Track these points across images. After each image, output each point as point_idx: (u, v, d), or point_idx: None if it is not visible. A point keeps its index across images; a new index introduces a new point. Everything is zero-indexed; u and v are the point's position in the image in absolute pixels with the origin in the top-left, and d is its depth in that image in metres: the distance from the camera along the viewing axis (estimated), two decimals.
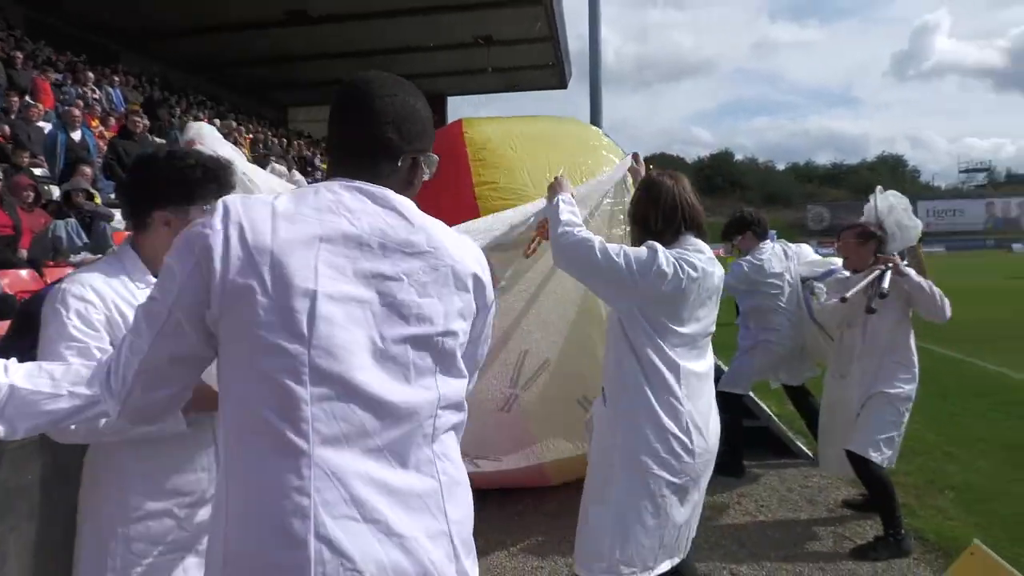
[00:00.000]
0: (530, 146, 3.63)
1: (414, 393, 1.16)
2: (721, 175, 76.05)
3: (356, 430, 1.11)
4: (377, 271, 1.16)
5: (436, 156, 1.34)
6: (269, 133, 20.35)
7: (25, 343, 4.74)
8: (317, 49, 24.52)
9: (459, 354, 1.25)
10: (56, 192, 7.30)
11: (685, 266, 2.22)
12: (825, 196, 67.34)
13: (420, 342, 1.18)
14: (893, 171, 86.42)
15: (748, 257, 4.48)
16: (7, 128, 8.87)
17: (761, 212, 4.87)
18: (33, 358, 1.94)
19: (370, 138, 1.25)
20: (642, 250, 2.24)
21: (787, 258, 4.53)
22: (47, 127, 9.45)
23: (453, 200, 3.28)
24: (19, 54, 11.90)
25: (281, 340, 1.08)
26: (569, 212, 2.45)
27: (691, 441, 2.25)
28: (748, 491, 4.26)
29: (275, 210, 1.14)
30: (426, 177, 1.33)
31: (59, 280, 1.81)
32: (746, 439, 4.55)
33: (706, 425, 2.31)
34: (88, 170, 7.52)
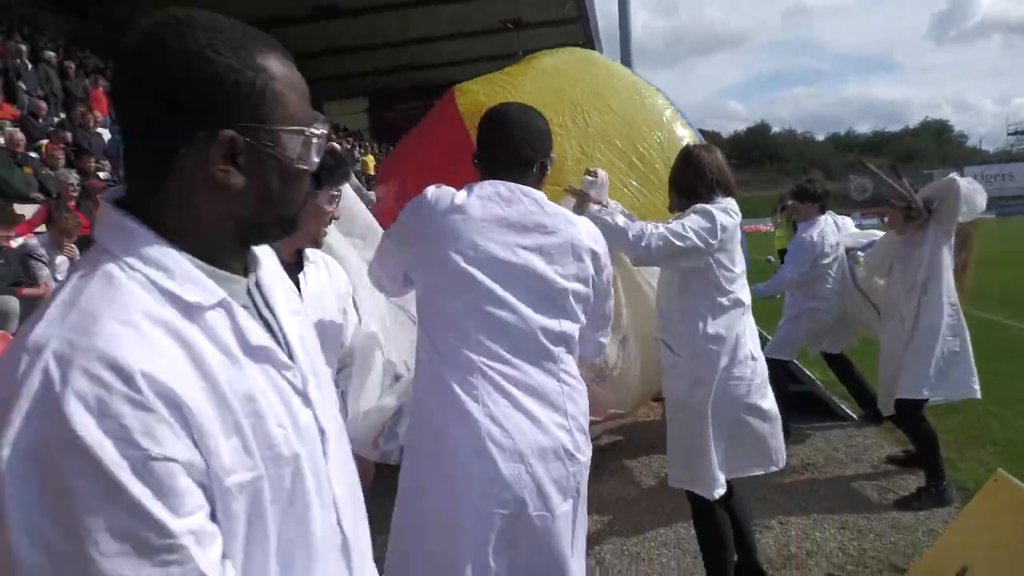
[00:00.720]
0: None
1: (548, 324, 1.72)
2: (758, 148, 75.13)
3: (510, 347, 1.69)
4: (521, 244, 1.72)
5: (555, 156, 1.89)
6: None
7: None
8: (347, 42, 24.89)
9: (577, 306, 1.77)
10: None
11: (732, 214, 2.59)
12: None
13: (549, 294, 1.73)
14: (938, 136, 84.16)
15: (808, 235, 4.62)
16: (70, 135, 9.43)
17: (825, 186, 4.97)
18: None
19: (513, 154, 1.81)
20: (699, 218, 2.54)
21: (839, 229, 4.73)
22: (105, 133, 10.01)
23: (446, 159, 3.55)
24: (72, 64, 12.48)
25: (462, 287, 1.68)
26: (620, 215, 2.63)
27: (756, 361, 2.65)
28: (795, 451, 4.52)
29: (454, 198, 1.73)
30: (547, 172, 1.88)
31: None
32: (792, 404, 4.79)
33: (758, 348, 2.71)
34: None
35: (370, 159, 19.98)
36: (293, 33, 22.75)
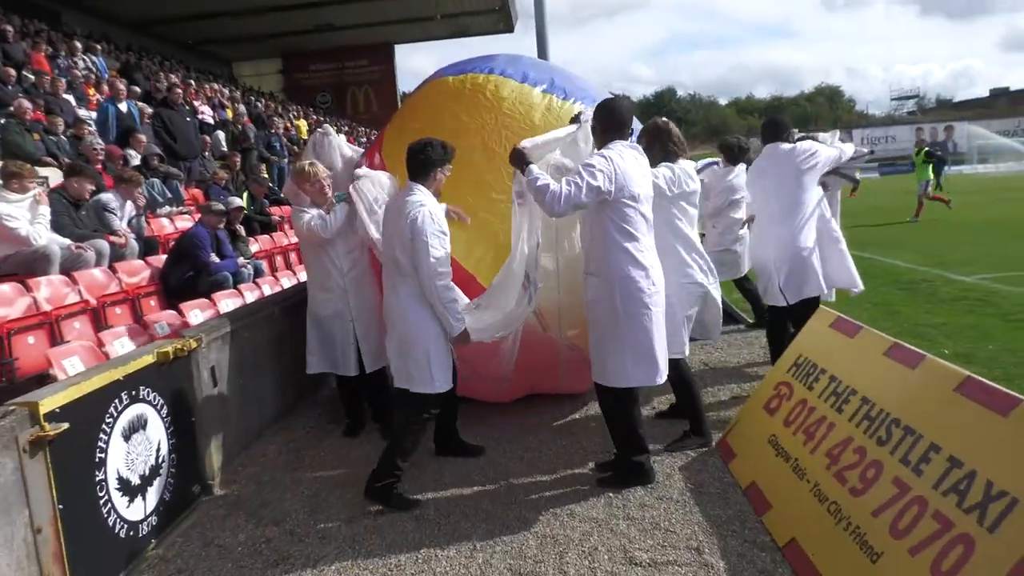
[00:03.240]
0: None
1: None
2: (665, 112, 78.87)
3: (647, 227, 3.69)
4: (648, 185, 3.48)
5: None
6: (218, 86, 20.93)
7: (184, 267, 7.36)
8: (261, 3, 25.07)
9: None
10: (137, 160, 8.68)
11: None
12: None
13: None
14: (831, 101, 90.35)
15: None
16: (41, 103, 10.10)
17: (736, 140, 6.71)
18: (191, 280, 4.61)
19: (623, 126, 3.73)
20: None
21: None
22: (71, 99, 10.70)
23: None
24: (9, 28, 12.81)
25: (636, 206, 3.59)
26: (539, 173, 3.63)
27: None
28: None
29: (621, 153, 3.56)
30: None
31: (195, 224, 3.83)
32: None
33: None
34: (143, 137, 8.99)
35: (302, 123, 20.64)
36: None
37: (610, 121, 3.75)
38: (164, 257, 6.70)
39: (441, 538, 3.47)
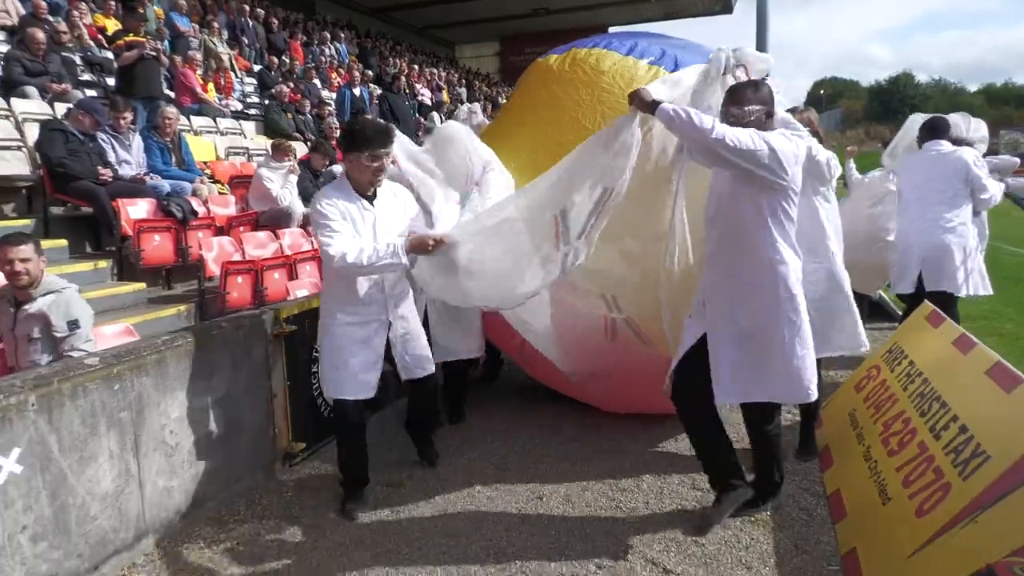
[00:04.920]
0: None
1: None
2: (899, 99, 72.09)
3: None
4: None
5: None
6: (437, 70, 23.00)
7: None
8: None
9: None
10: None
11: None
12: None
13: None
14: None
15: None
16: (292, 86, 12.29)
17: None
18: None
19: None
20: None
21: None
22: (317, 82, 12.85)
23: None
24: (275, 20, 15.40)
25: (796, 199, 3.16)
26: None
27: None
28: None
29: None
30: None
31: None
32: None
33: None
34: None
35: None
36: None
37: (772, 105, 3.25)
38: None
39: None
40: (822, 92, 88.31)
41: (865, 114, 77.05)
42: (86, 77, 8.96)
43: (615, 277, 3.89)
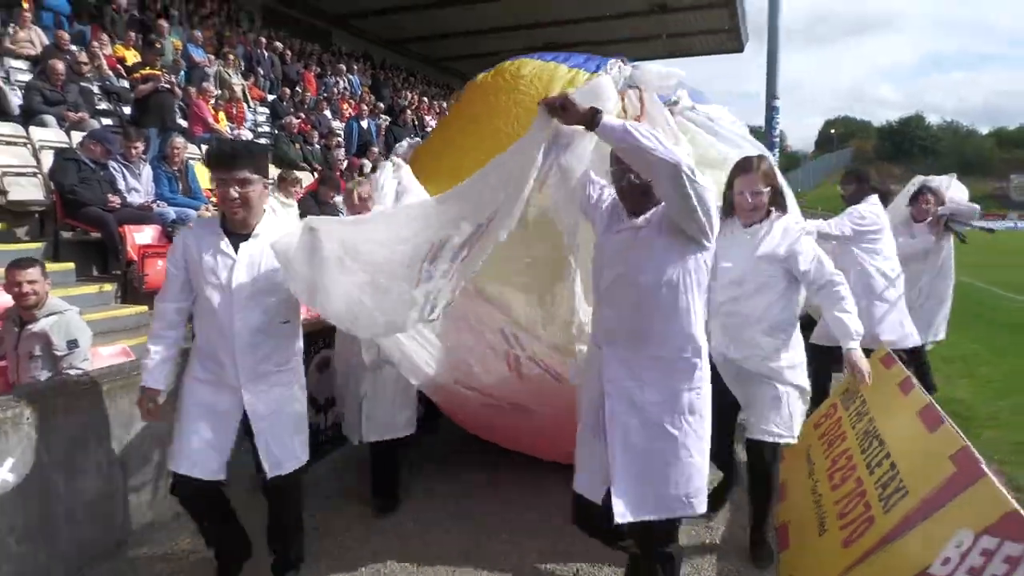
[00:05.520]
0: None
1: None
2: (910, 140, 72.35)
3: None
4: None
5: None
6: (445, 104, 23.32)
7: None
8: (493, 23, 27.29)
9: None
10: (367, 166, 10.90)
11: None
12: None
13: None
14: None
15: None
16: (303, 117, 12.71)
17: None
18: None
19: None
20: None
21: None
22: (327, 113, 13.30)
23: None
24: (289, 51, 15.91)
25: None
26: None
27: None
28: None
29: None
30: None
31: None
32: None
33: None
34: (375, 149, 11.14)
35: None
36: (429, 16, 25.24)
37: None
38: None
39: None
40: (832, 131, 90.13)
41: (876, 154, 77.37)
42: (103, 106, 9.39)
43: (513, 311, 3.65)
